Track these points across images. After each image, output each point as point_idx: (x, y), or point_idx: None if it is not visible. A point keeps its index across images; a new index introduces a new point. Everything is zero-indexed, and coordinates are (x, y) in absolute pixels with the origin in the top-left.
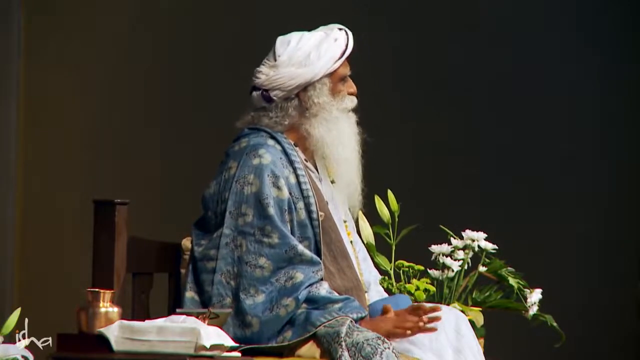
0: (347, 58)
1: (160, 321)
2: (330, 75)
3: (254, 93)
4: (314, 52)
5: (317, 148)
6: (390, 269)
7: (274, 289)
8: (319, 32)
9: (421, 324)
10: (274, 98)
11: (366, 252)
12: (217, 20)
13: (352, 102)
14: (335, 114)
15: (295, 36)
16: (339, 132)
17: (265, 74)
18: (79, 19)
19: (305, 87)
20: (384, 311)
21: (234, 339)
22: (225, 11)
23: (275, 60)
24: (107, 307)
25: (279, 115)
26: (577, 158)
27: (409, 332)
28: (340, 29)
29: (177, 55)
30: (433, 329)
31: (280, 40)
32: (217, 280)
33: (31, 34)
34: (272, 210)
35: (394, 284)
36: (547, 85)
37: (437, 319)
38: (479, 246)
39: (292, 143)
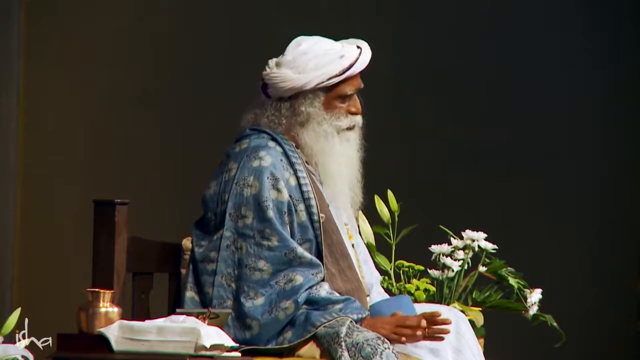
0: (356, 76)
1: (160, 321)
2: (327, 90)
3: (261, 82)
4: (314, 62)
5: (309, 155)
6: (390, 269)
7: (273, 292)
8: (334, 44)
9: (419, 332)
10: (270, 94)
11: (367, 254)
12: (217, 20)
13: (352, 121)
14: (326, 128)
15: (309, 41)
16: (328, 145)
17: (270, 68)
18: (79, 19)
19: (297, 94)
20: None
21: (235, 341)
22: (225, 11)
23: (281, 57)
24: (107, 307)
25: (275, 115)
26: (577, 158)
27: (403, 339)
28: (358, 47)
29: (177, 55)
30: (437, 339)
31: (296, 40)
32: (218, 283)
33: (31, 34)
34: (271, 213)
35: (394, 284)
36: (547, 85)
37: (444, 331)
38: (479, 246)
39: (294, 145)
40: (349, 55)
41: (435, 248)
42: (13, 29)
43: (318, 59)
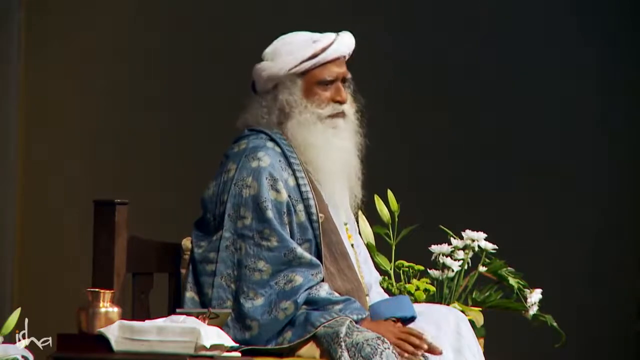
0: (336, 63)
1: (160, 321)
2: (302, 75)
3: (251, 81)
4: (287, 48)
5: (299, 151)
6: (390, 269)
7: (273, 292)
8: (316, 34)
9: (420, 353)
10: (257, 90)
11: (367, 254)
12: (217, 20)
13: (334, 109)
14: (307, 117)
15: (293, 33)
16: (311, 135)
17: (257, 64)
18: (79, 19)
19: (277, 84)
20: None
21: (235, 342)
22: (225, 11)
23: (265, 51)
24: (107, 307)
25: (259, 109)
26: (577, 158)
27: (406, 355)
28: (337, 34)
29: (177, 55)
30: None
31: (282, 35)
32: (218, 284)
33: (31, 34)
34: (270, 214)
35: (394, 284)
36: (547, 85)
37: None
38: (479, 246)
39: (292, 145)
40: (323, 40)
41: (435, 248)
42: (13, 29)
43: (293, 45)
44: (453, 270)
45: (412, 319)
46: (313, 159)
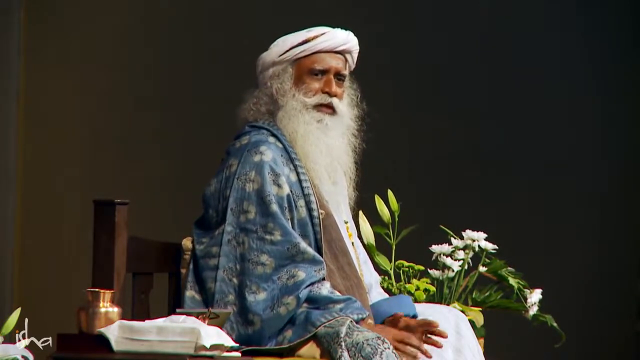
0: (328, 55)
1: (160, 321)
2: (294, 63)
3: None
4: (283, 37)
5: (294, 146)
6: (391, 269)
7: (276, 287)
8: None
9: (419, 353)
10: (258, 83)
11: (366, 255)
12: (217, 20)
13: (322, 99)
14: (294, 104)
15: None
16: (299, 126)
17: None
18: (79, 19)
19: (271, 75)
20: (394, 318)
21: (237, 338)
22: (225, 11)
23: None
24: (107, 307)
25: (251, 100)
26: (577, 158)
27: (409, 349)
28: (333, 27)
29: (177, 55)
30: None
31: None
32: (220, 277)
33: (31, 34)
34: (274, 207)
35: (394, 284)
36: (547, 85)
37: (438, 344)
38: (479, 246)
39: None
40: (316, 30)
41: (435, 248)
42: (13, 29)
43: (288, 35)
44: (453, 270)
45: (412, 318)
46: (304, 150)
